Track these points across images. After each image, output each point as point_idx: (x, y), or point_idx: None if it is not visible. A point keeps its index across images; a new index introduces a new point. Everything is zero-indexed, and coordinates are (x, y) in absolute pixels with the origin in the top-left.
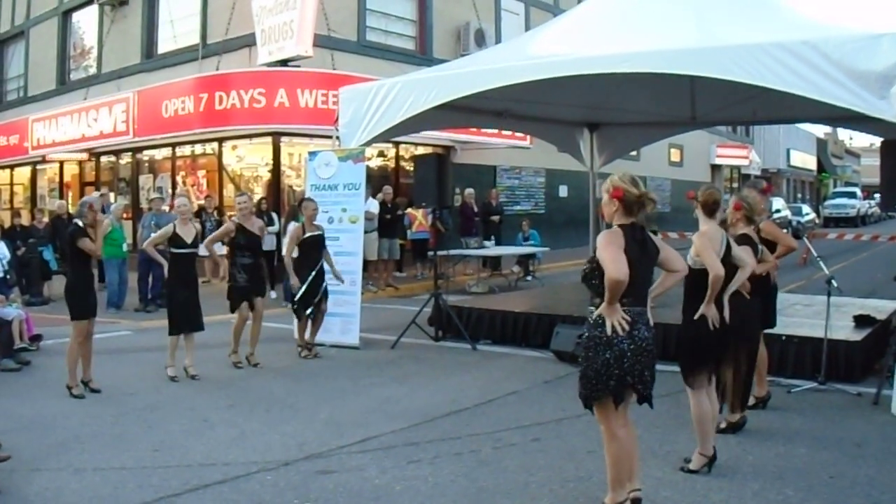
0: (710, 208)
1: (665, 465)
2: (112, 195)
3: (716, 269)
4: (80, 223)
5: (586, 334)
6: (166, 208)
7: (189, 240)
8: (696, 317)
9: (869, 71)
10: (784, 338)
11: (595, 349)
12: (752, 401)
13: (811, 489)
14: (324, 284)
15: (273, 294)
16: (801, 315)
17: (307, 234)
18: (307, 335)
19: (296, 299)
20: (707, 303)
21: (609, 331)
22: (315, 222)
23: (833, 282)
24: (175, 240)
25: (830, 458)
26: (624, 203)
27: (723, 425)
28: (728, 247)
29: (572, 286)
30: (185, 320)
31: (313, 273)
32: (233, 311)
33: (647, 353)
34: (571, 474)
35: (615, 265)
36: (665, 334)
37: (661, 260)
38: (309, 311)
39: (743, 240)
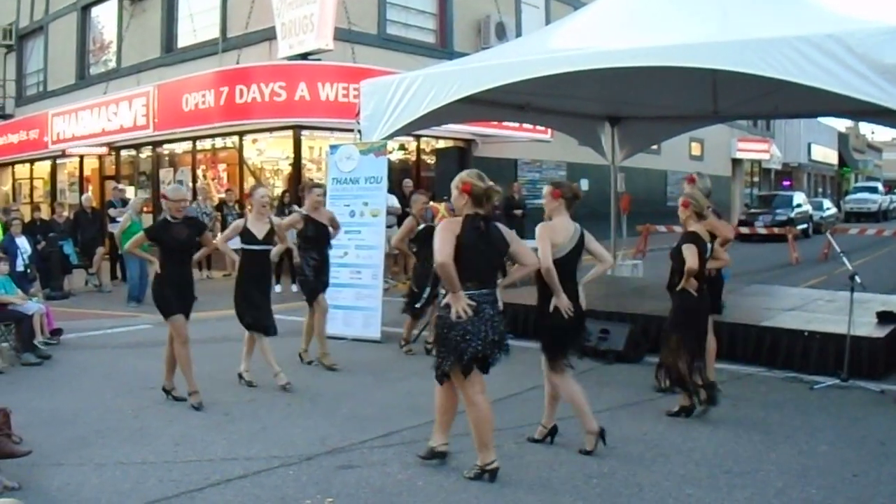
0: (571, 202)
1: (688, 462)
2: (132, 189)
3: (544, 262)
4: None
5: (437, 314)
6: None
7: (261, 235)
8: (550, 309)
9: (894, 65)
10: (806, 334)
11: (442, 328)
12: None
13: (834, 487)
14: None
15: (294, 287)
16: (823, 311)
17: (421, 227)
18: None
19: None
20: (557, 295)
21: (454, 316)
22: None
23: (856, 277)
24: (246, 235)
25: (854, 456)
26: (472, 196)
27: (675, 409)
28: (582, 240)
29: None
30: (256, 322)
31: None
32: (309, 304)
33: (492, 323)
34: (594, 470)
35: (439, 249)
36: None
37: (512, 252)
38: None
39: (690, 237)
